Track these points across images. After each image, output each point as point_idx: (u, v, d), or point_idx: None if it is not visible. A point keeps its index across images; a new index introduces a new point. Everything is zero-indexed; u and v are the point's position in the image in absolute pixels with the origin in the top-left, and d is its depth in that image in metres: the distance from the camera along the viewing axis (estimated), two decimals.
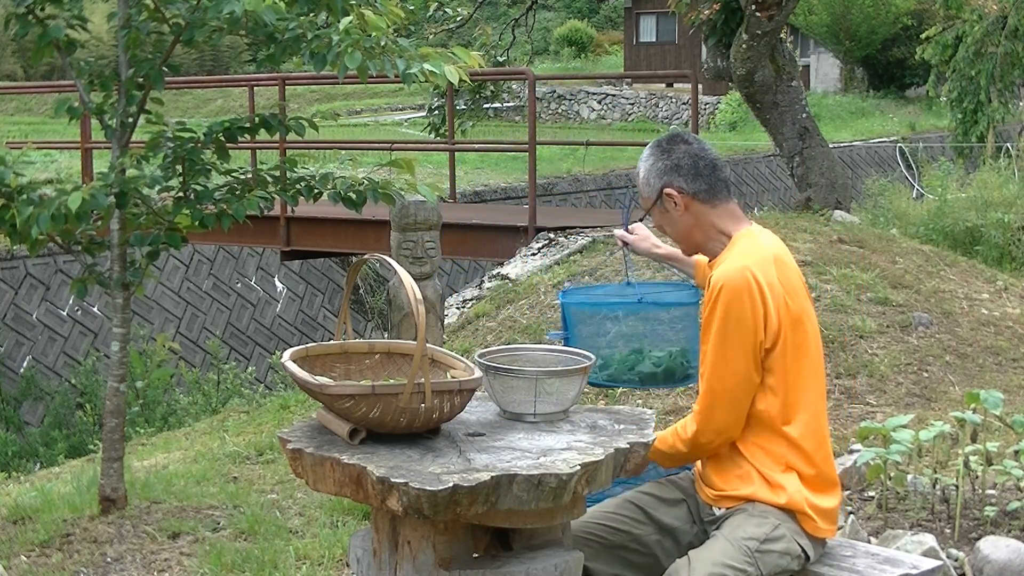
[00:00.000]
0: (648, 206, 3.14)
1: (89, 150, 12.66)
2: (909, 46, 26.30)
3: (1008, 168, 12.91)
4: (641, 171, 3.14)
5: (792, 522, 2.99)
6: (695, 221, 3.09)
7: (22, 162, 4.73)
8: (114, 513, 4.87)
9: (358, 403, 2.57)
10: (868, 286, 7.49)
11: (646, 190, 3.13)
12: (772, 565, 2.92)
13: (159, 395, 12.14)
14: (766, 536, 2.93)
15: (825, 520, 3.06)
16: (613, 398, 6.27)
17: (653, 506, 3.12)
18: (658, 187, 3.09)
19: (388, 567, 2.64)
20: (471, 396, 2.71)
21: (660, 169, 3.10)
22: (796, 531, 2.99)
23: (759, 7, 9.97)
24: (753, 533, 2.92)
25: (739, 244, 3.05)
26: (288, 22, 4.56)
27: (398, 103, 28.67)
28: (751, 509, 2.99)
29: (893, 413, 5.82)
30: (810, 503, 3.00)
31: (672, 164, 3.09)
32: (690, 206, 3.08)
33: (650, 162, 3.12)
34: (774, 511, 2.98)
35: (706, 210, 3.08)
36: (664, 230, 3.16)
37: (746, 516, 2.98)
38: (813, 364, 3.04)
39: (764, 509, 2.99)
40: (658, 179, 3.09)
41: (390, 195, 4.86)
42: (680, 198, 3.07)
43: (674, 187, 3.08)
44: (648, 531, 3.09)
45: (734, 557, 2.86)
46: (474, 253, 11.26)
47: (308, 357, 2.85)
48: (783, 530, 2.96)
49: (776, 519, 2.97)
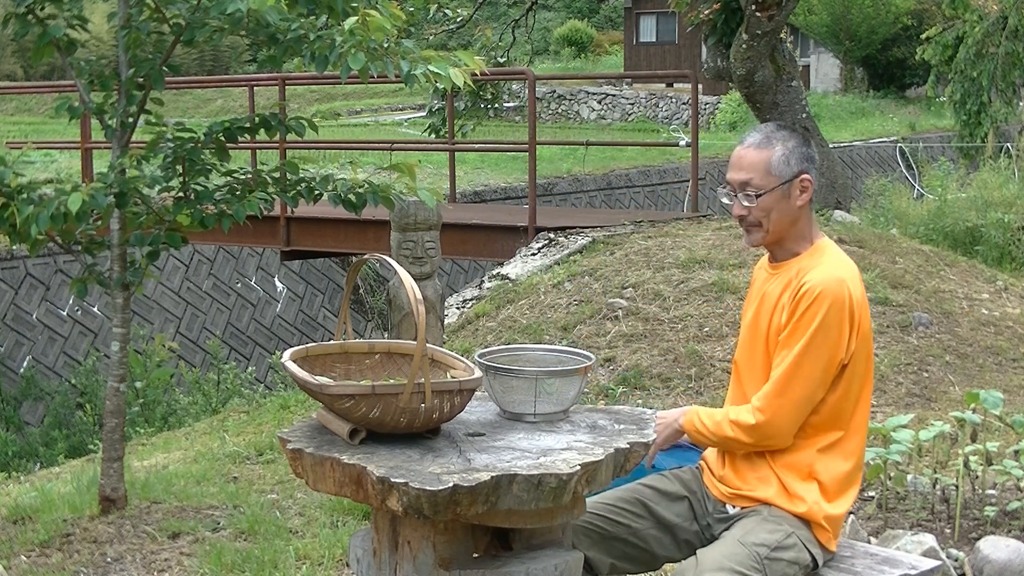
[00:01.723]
0: (771, 185, 3.00)
1: (89, 150, 12.66)
2: (909, 46, 26.30)
3: (1008, 168, 12.91)
4: (778, 149, 3.01)
5: (806, 530, 2.99)
6: (799, 215, 3.04)
7: (22, 162, 4.73)
8: (114, 513, 4.87)
9: (358, 403, 2.57)
10: (868, 286, 7.49)
11: (780, 169, 3.00)
12: (780, 574, 2.92)
13: (159, 395, 12.14)
14: (778, 544, 2.92)
15: (837, 530, 3.07)
16: (613, 398, 6.27)
17: (655, 500, 3.11)
18: (796, 170, 3.01)
19: (388, 567, 2.64)
20: (471, 396, 2.71)
21: (803, 154, 3.03)
22: (809, 539, 2.99)
23: (759, 7, 9.97)
24: (765, 539, 2.91)
25: (829, 252, 3.05)
26: (290, 23, 4.56)
27: (398, 103, 28.67)
28: (766, 513, 2.99)
29: (893, 413, 5.82)
30: (826, 515, 3.00)
31: (811, 153, 3.05)
32: (808, 201, 3.05)
33: (792, 143, 3.03)
34: (789, 518, 2.98)
35: (809, 208, 3.07)
36: (768, 213, 3.02)
37: (760, 520, 2.97)
38: (868, 380, 3.05)
39: (780, 515, 2.98)
40: (799, 163, 3.02)
41: (390, 198, 4.87)
42: (811, 190, 3.04)
43: (811, 175, 3.04)
44: (646, 525, 3.08)
45: (742, 562, 2.84)
46: (474, 253, 11.25)
47: (308, 357, 2.85)
48: (795, 539, 2.95)
49: (791, 526, 2.96)
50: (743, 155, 3.05)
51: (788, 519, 2.97)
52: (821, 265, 2.99)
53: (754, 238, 3.08)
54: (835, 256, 3.04)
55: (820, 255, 3.03)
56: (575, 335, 7.03)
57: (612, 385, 6.45)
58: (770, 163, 3.00)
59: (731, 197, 3.06)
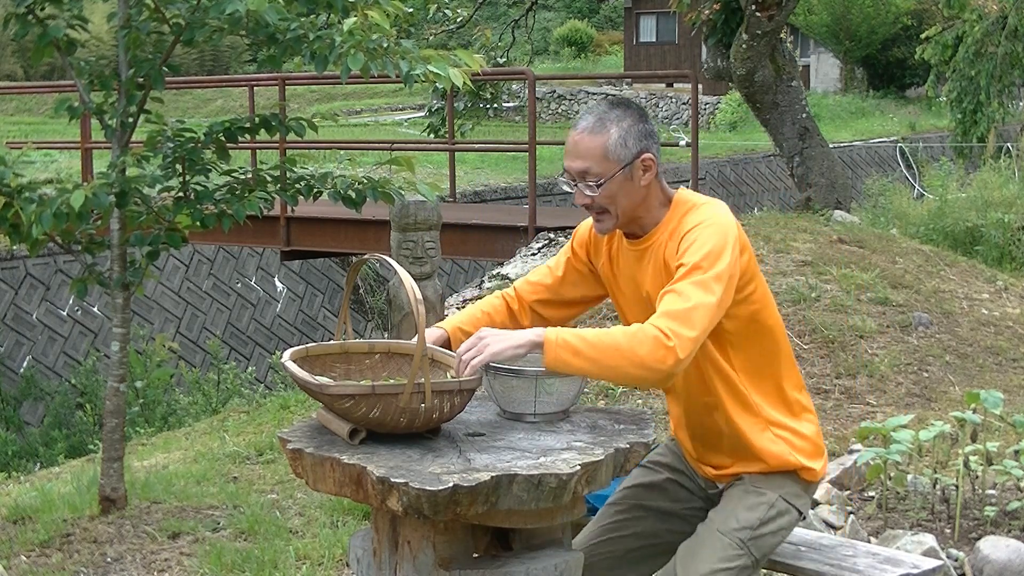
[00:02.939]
0: (611, 171, 2.82)
1: (89, 150, 12.67)
2: (909, 46, 26.30)
3: (1008, 168, 12.91)
4: (613, 132, 2.82)
5: (791, 482, 2.95)
6: (647, 193, 2.87)
7: (22, 162, 4.73)
8: (114, 513, 4.87)
9: (358, 403, 2.57)
10: (868, 286, 7.49)
11: (618, 152, 2.82)
12: (767, 546, 2.91)
13: (159, 395, 12.15)
14: (760, 521, 2.90)
15: (815, 456, 2.98)
16: (613, 398, 6.27)
17: (644, 496, 3.09)
18: (636, 151, 2.83)
19: (388, 567, 2.64)
20: (471, 396, 2.71)
21: (641, 132, 2.85)
22: (795, 492, 2.95)
23: (759, 7, 9.97)
24: (746, 520, 2.89)
25: (693, 201, 2.89)
26: (289, 23, 4.56)
27: (398, 103, 28.66)
28: (748, 483, 2.95)
29: (893, 413, 5.82)
30: (798, 448, 2.93)
31: (650, 130, 2.87)
32: (652, 177, 2.88)
33: (628, 122, 2.84)
34: (769, 480, 2.94)
35: (656, 181, 2.90)
36: (614, 199, 2.85)
37: (743, 493, 2.94)
38: (773, 314, 2.94)
39: (761, 480, 2.94)
40: (637, 143, 2.84)
41: (389, 194, 4.87)
42: (655, 166, 2.87)
43: (652, 153, 2.86)
44: (651, 522, 3.07)
45: (726, 556, 2.85)
46: (474, 253, 11.26)
47: (308, 357, 2.85)
48: (779, 505, 2.92)
49: (773, 490, 2.93)
50: (578, 141, 2.86)
51: (770, 481, 2.93)
52: (700, 209, 2.85)
53: (605, 225, 2.91)
54: (705, 199, 2.91)
55: (688, 204, 2.88)
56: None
57: (612, 386, 6.45)
58: (607, 148, 2.82)
59: (571, 186, 2.91)
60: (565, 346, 2.64)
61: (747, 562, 2.87)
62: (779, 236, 8.26)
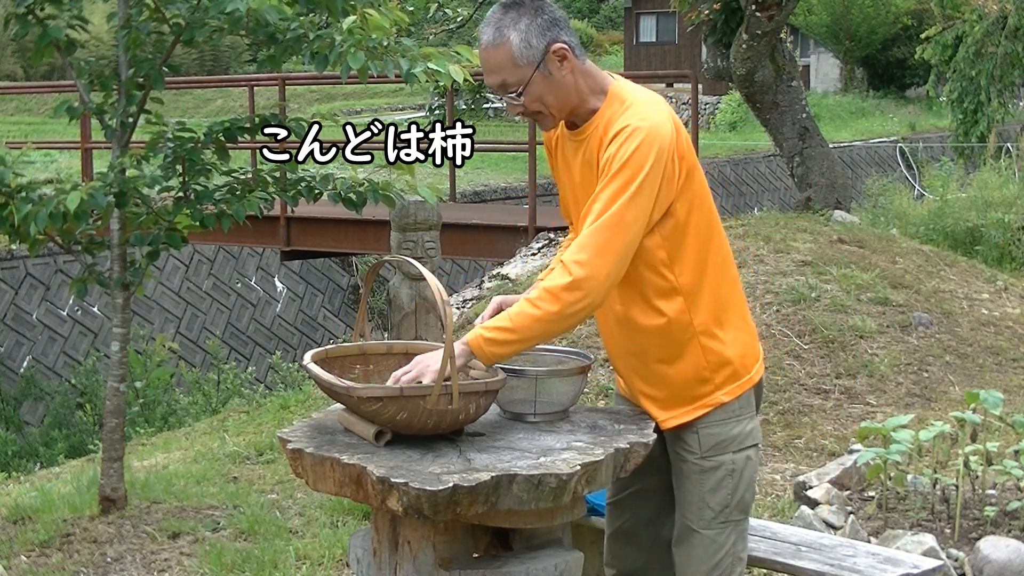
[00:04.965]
0: (527, 75, 2.72)
1: (89, 150, 12.67)
2: (909, 46, 26.28)
3: (1008, 168, 12.91)
4: (513, 37, 2.71)
5: (734, 400, 2.86)
6: (575, 80, 2.76)
7: (22, 162, 4.73)
8: (114, 513, 4.87)
9: (386, 405, 2.56)
10: (868, 286, 7.49)
11: (526, 54, 2.71)
12: (748, 497, 2.90)
13: (159, 395, 12.15)
14: (730, 492, 2.86)
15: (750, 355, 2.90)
16: (613, 398, 6.27)
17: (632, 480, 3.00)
18: (543, 47, 2.71)
19: (388, 567, 2.64)
20: (495, 397, 2.70)
21: (541, 25, 2.72)
22: (740, 411, 2.86)
23: (759, 7, 9.97)
24: (718, 502, 2.86)
25: (630, 94, 2.79)
26: (289, 22, 4.56)
27: (398, 103, 28.64)
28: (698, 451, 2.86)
29: (893, 413, 5.82)
30: (727, 359, 2.85)
31: (551, 18, 2.74)
32: (573, 63, 2.75)
33: (525, 21, 2.71)
34: (710, 431, 2.86)
35: (580, 65, 2.77)
36: (541, 100, 2.76)
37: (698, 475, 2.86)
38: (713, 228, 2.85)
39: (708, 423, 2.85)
40: (541, 37, 2.71)
41: (390, 196, 4.87)
42: (569, 54, 2.74)
43: (562, 42, 2.73)
44: (649, 497, 3.03)
45: (718, 545, 2.86)
46: (474, 253, 11.27)
47: (327, 359, 2.85)
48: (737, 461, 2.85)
49: (722, 452, 2.85)
50: (485, 57, 2.76)
51: (710, 431, 2.86)
52: (634, 108, 2.74)
53: (546, 124, 2.85)
54: (642, 92, 2.80)
55: (622, 101, 2.78)
56: (575, 335, 7.02)
57: (612, 385, 6.45)
58: (513, 55, 2.72)
59: (499, 99, 2.84)
60: (490, 342, 2.66)
61: (738, 528, 2.88)
62: (779, 236, 8.26)
